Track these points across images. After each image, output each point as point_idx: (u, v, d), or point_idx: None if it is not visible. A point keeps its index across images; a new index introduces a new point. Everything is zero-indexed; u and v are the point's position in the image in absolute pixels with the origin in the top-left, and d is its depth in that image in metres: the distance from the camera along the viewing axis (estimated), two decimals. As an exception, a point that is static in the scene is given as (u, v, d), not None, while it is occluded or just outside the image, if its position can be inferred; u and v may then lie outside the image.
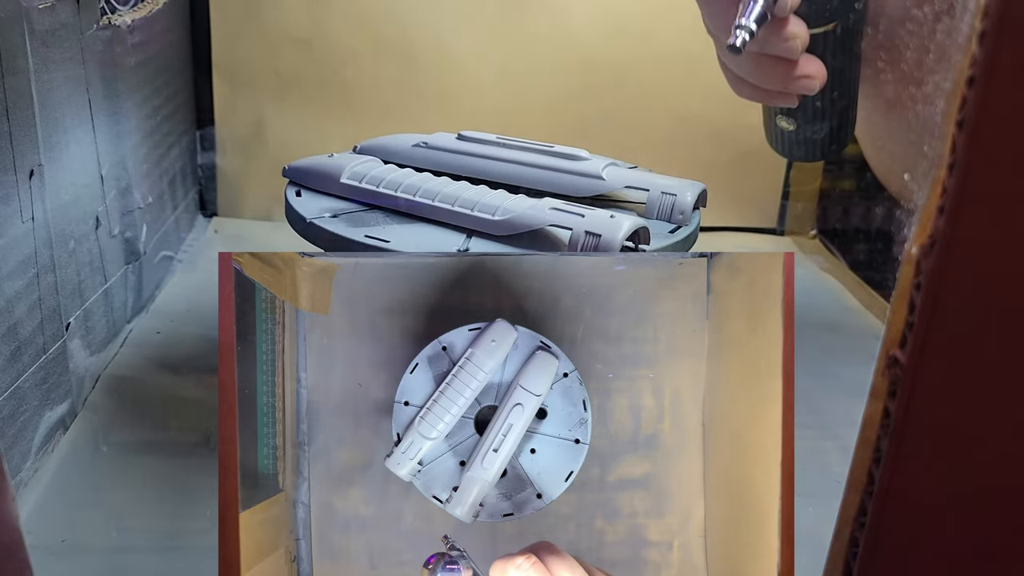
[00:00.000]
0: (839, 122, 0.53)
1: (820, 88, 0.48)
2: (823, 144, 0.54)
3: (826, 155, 0.56)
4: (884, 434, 0.22)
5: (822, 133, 0.53)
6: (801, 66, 0.47)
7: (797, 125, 0.54)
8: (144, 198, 0.68)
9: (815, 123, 0.53)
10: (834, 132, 0.53)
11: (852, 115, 0.53)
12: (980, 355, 0.21)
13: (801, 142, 0.55)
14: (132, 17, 0.64)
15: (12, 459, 0.46)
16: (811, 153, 0.55)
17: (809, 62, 0.47)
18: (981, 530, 0.23)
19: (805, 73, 0.47)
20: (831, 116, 0.52)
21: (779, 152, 0.57)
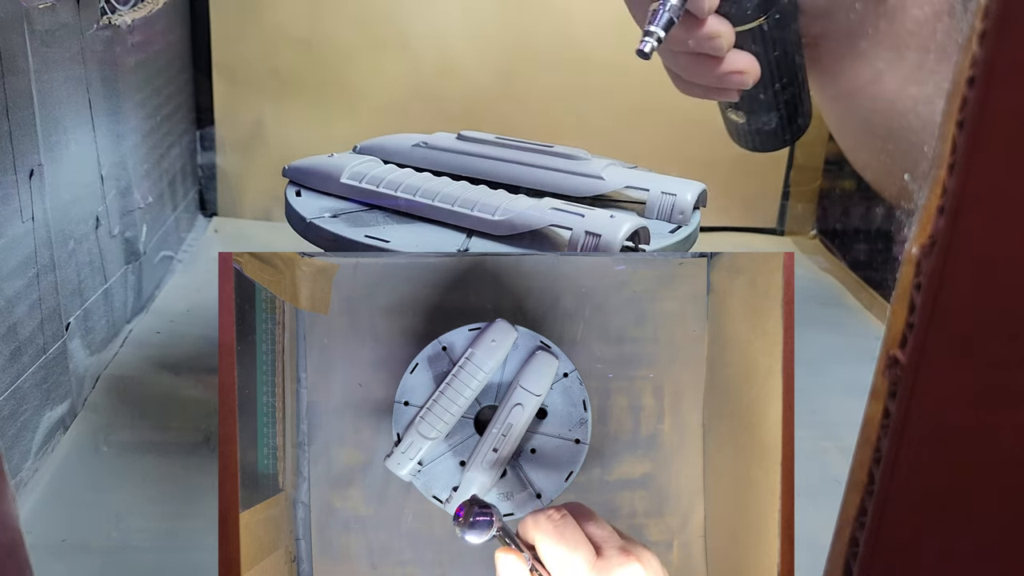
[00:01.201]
0: (788, 112, 0.53)
1: (755, 82, 0.49)
2: (776, 134, 0.55)
3: (781, 144, 0.56)
4: (884, 434, 0.22)
5: (772, 124, 0.54)
6: (731, 63, 0.49)
7: (747, 118, 0.54)
8: (144, 198, 0.68)
9: (763, 115, 0.53)
10: (785, 122, 0.54)
11: (802, 105, 0.54)
12: (980, 355, 0.21)
13: (754, 133, 0.56)
14: (132, 17, 0.64)
15: (12, 459, 0.46)
16: (766, 143, 0.56)
17: (739, 58, 0.49)
18: (981, 530, 0.23)
19: (736, 69, 0.49)
20: (778, 107, 0.53)
21: (738, 144, 0.58)
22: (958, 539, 0.23)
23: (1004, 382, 0.22)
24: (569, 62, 0.85)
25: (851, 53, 0.52)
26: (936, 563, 0.24)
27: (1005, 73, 0.19)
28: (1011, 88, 0.19)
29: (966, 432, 0.22)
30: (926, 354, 0.21)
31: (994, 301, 0.21)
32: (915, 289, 0.21)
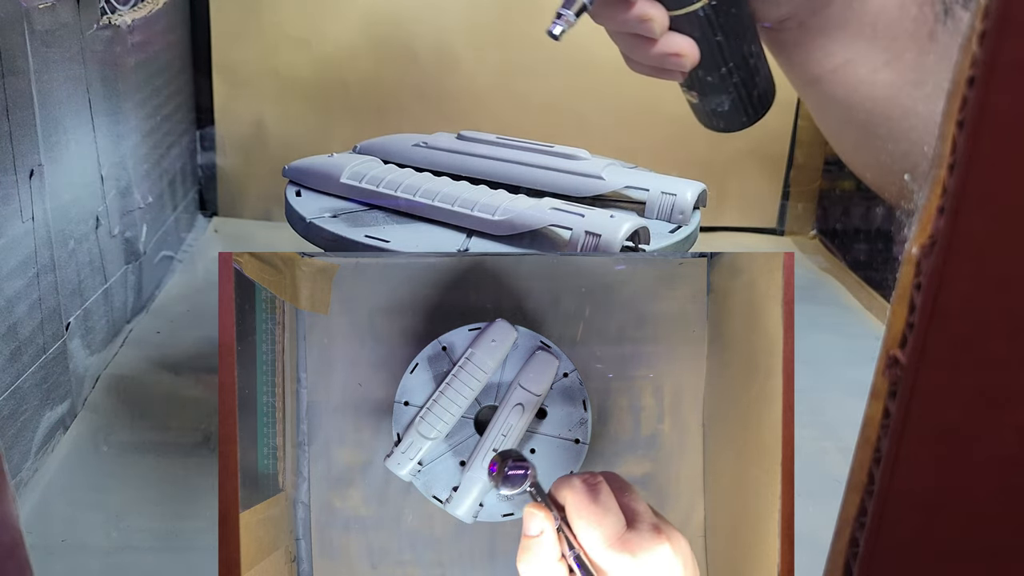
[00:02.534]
0: (741, 95, 0.54)
1: (693, 65, 0.50)
2: (732, 116, 0.55)
3: (740, 126, 0.57)
4: (884, 434, 0.22)
5: (726, 106, 0.54)
6: (667, 45, 0.49)
7: (699, 99, 0.55)
8: (144, 198, 0.68)
9: (715, 96, 0.54)
10: (739, 105, 0.54)
11: (757, 89, 0.54)
12: (980, 355, 0.21)
13: (709, 114, 0.56)
14: (132, 17, 0.64)
15: (12, 459, 0.46)
16: (723, 124, 0.57)
17: (675, 41, 0.49)
18: (981, 530, 0.23)
19: (671, 52, 0.49)
20: (728, 90, 0.53)
21: (702, 124, 0.59)
22: (958, 539, 0.23)
23: (1004, 382, 0.22)
24: (569, 62, 0.85)
25: (815, 39, 0.53)
26: (936, 563, 0.24)
27: (1005, 73, 0.19)
28: (1011, 88, 0.19)
29: (966, 432, 0.22)
30: (926, 354, 0.21)
31: (994, 301, 0.21)
32: (915, 289, 0.21)
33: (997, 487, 0.23)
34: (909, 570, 0.24)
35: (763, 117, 0.57)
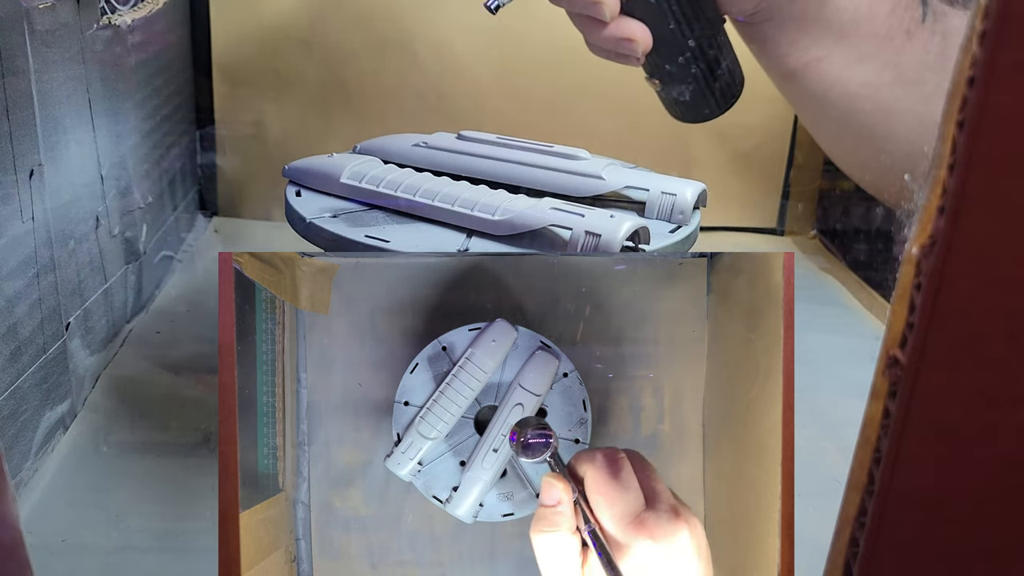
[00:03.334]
0: (701, 86, 0.54)
1: (645, 51, 0.50)
2: (694, 107, 0.55)
3: (702, 118, 0.57)
4: (884, 434, 0.22)
5: (686, 96, 0.54)
6: (618, 29, 0.50)
7: (661, 88, 0.55)
8: (144, 198, 0.68)
9: (674, 86, 0.54)
10: (700, 96, 0.54)
11: (719, 82, 0.54)
12: (980, 355, 0.21)
13: (671, 103, 0.57)
14: (132, 17, 0.64)
15: (12, 459, 0.46)
16: (687, 115, 0.57)
17: (628, 26, 0.50)
18: (981, 530, 0.23)
19: (622, 36, 0.50)
20: (688, 81, 0.53)
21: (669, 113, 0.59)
22: (958, 539, 0.23)
23: (1004, 382, 0.22)
24: (569, 62, 0.85)
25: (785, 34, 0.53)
26: (936, 563, 0.24)
27: (1005, 73, 0.19)
28: (1011, 88, 0.19)
29: (966, 432, 0.22)
30: (926, 354, 0.21)
31: (994, 301, 0.21)
32: (915, 289, 0.21)
33: (997, 487, 0.23)
34: (909, 570, 0.24)
35: (728, 109, 0.57)
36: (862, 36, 0.53)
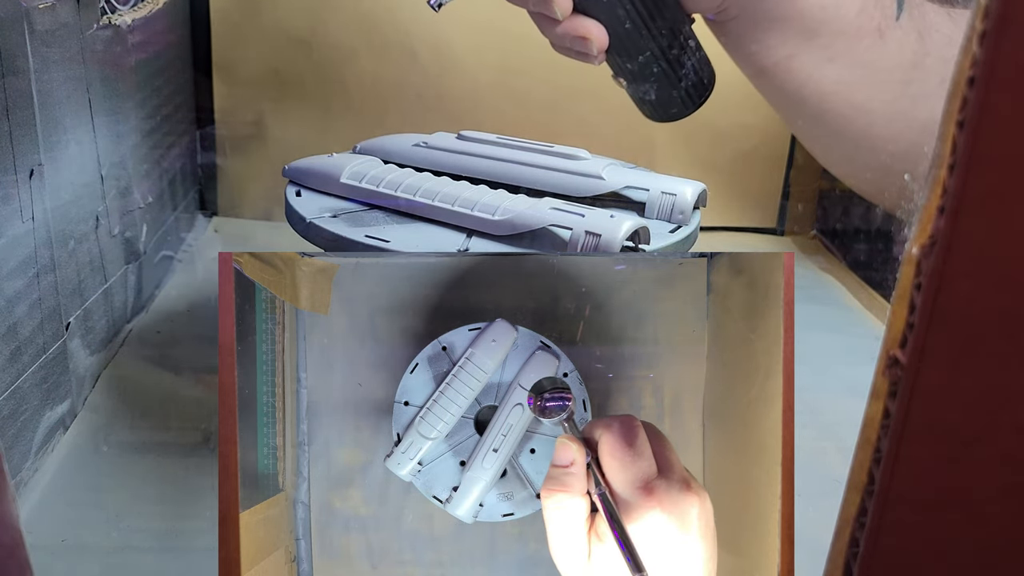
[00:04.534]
0: (665, 85, 0.54)
1: (601, 50, 0.50)
2: (661, 106, 0.55)
3: (670, 117, 0.57)
4: (884, 434, 0.22)
5: (651, 95, 0.54)
6: (572, 27, 0.50)
7: (627, 87, 0.55)
8: (144, 198, 0.68)
9: (638, 85, 0.54)
10: (667, 95, 0.54)
11: (684, 81, 0.54)
12: (980, 355, 0.21)
13: (639, 102, 0.57)
14: (132, 17, 0.64)
15: (12, 459, 0.46)
16: (655, 114, 0.57)
17: (583, 24, 0.50)
18: (981, 530, 0.23)
19: (576, 34, 0.50)
20: (651, 79, 0.53)
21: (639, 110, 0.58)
22: (958, 539, 0.23)
23: (1004, 382, 0.22)
24: (569, 61, 0.85)
25: (753, 33, 0.53)
26: (936, 563, 0.24)
27: (1005, 73, 0.19)
28: (1011, 88, 0.19)
29: (966, 432, 0.22)
30: (926, 354, 0.21)
31: (994, 301, 0.21)
32: (915, 289, 0.21)
33: (997, 487, 0.23)
34: (909, 570, 0.24)
35: (697, 109, 0.56)
36: (831, 35, 0.53)
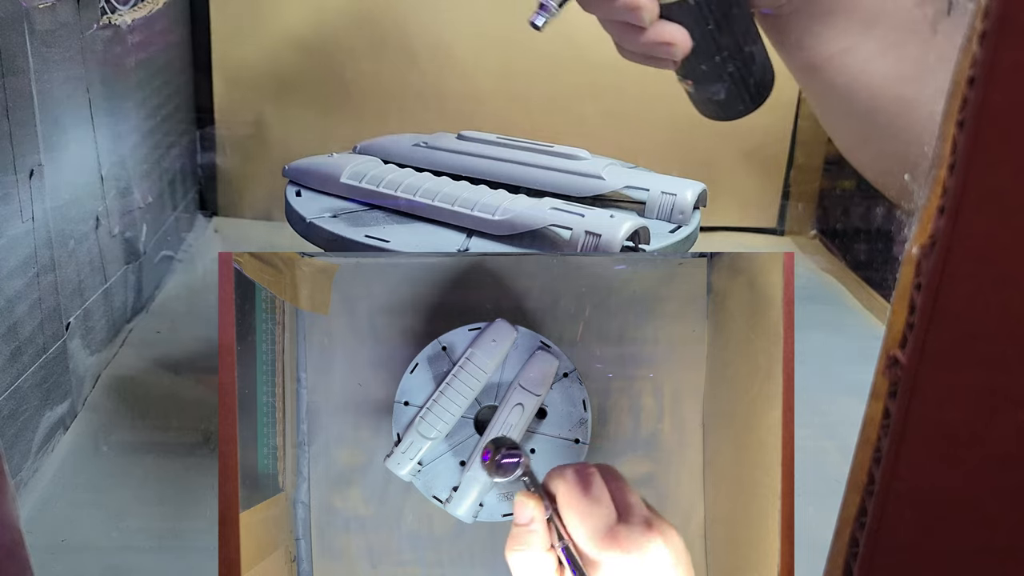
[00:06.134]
0: (737, 84, 0.53)
1: (685, 54, 0.50)
2: (729, 104, 0.55)
3: (736, 114, 0.56)
4: (884, 434, 0.22)
5: (722, 94, 0.54)
6: (657, 33, 0.49)
7: (694, 87, 0.55)
8: (144, 198, 0.68)
9: (710, 85, 0.54)
10: (736, 93, 0.54)
11: (753, 77, 0.54)
12: (980, 355, 0.21)
13: (705, 102, 0.56)
14: (132, 17, 0.64)
15: (12, 459, 0.46)
16: (721, 113, 0.57)
17: (666, 29, 0.49)
18: (981, 530, 0.23)
19: (663, 40, 0.49)
20: (723, 78, 0.53)
21: (699, 111, 0.58)
22: (958, 539, 0.23)
23: (1004, 382, 0.22)
24: (569, 62, 0.85)
25: (811, 26, 0.52)
26: (936, 563, 0.24)
27: (1005, 73, 0.19)
28: (1011, 88, 0.19)
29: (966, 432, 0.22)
30: (926, 354, 0.21)
31: (994, 301, 0.21)
32: (915, 289, 0.21)
33: (997, 487, 0.23)
34: (909, 570, 0.24)
35: (761, 105, 0.56)
36: (888, 27, 0.52)
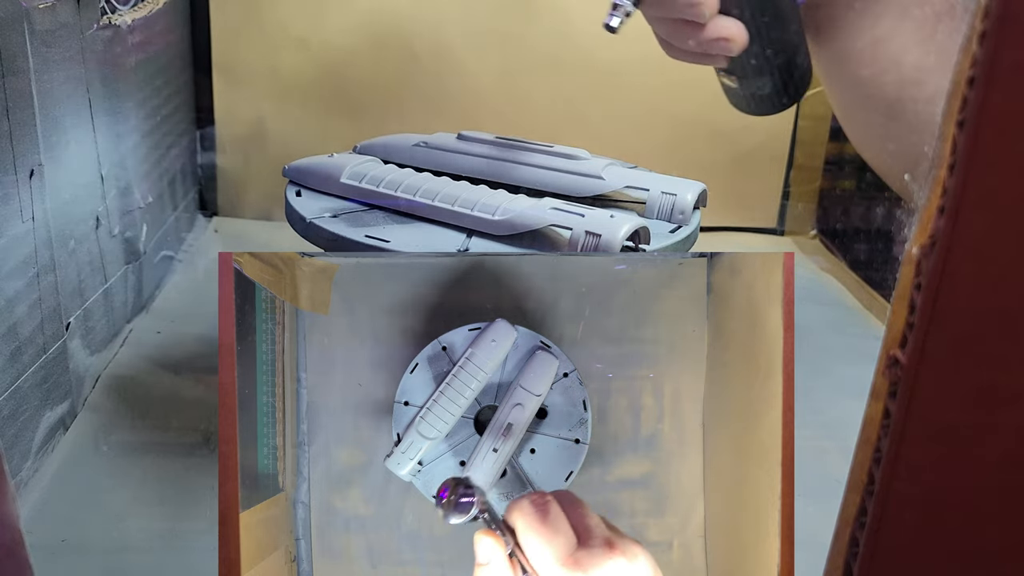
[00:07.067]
0: (783, 77, 0.53)
1: (742, 49, 0.49)
2: (772, 99, 0.55)
3: (778, 108, 0.56)
4: (884, 434, 0.22)
5: (767, 89, 0.54)
6: (716, 29, 0.49)
7: (739, 83, 0.54)
8: (144, 198, 0.68)
9: (756, 80, 0.53)
10: (780, 87, 0.54)
11: (798, 71, 0.54)
12: (980, 355, 0.21)
13: (748, 98, 0.56)
14: (132, 17, 0.64)
15: (12, 459, 0.46)
16: (763, 107, 0.56)
17: (724, 24, 0.49)
18: (981, 530, 0.23)
19: (721, 36, 0.49)
20: (771, 72, 0.53)
21: (736, 108, 0.58)
22: (958, 539, 0.23)
23: (1004, 382, 0.22)
24: (569, 62, 0.85)
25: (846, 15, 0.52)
26: (936, 563, 0.24)
27: (1005, 73, 0.19)
28: (1011, 88, 0.19)
29: (966, 432, 0.22)
30: (926, 354, 0.21)
31: (994, 301, 0.21)
32: (915, 289, 0.21)
33: (997, 487, 0.23)
34: (909, 570, 0.24)
35: (801, 98, 0.56)
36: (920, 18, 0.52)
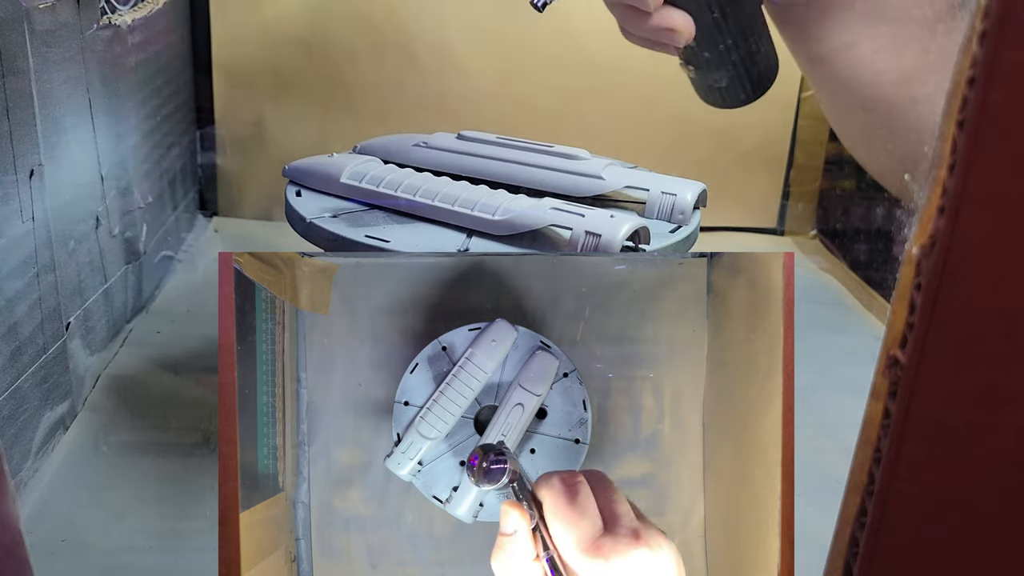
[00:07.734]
0: (740, 73, 0.53)
1: (688, 40, 0.50)
2: (731, 92, 0.55)
3: (740, 102, 0.56)
4: (884, 434, 0.22)
5: (724, 82, 0.54)
6: (661, 19, 0.49)
7: (696, 74, 0.54)
8: (144, 198, 0.68)
9: (712, 72, 0.53)
10: (738, 81, 0.54)
11: (756, 67, 0.54)
12: (980, 355, 0.21)
13: (706, 89, 0.56)
14: (132, 17, 0.64)
15: (12, 459, 0.46)
16: (724, 100, 0.56)
17: (670, 15, 0.49)
18: (981, 530, 0.23)
19: (666, 26, 0.49)
20: (726, 66, 0.53)
21: (702, 99, 0.58)
22: (958, 539, 0.23)
23: (1004, 382, 0.22)
24: (569, 62, 0.85)
25: (821, 17, 0.52)
26: (936, 563, 0.24)
27: (1005, 73, 0.19)
28: (1011, 88, 0.19)
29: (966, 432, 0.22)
30: (926, 354, 0.21)
31: (994, 301, 0.21)
32: (915, 289, 0.21)
33: (997, 487, 0.23)
34: (909, 570, 0.24)
35: (764, 95, 0.56)
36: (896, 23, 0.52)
